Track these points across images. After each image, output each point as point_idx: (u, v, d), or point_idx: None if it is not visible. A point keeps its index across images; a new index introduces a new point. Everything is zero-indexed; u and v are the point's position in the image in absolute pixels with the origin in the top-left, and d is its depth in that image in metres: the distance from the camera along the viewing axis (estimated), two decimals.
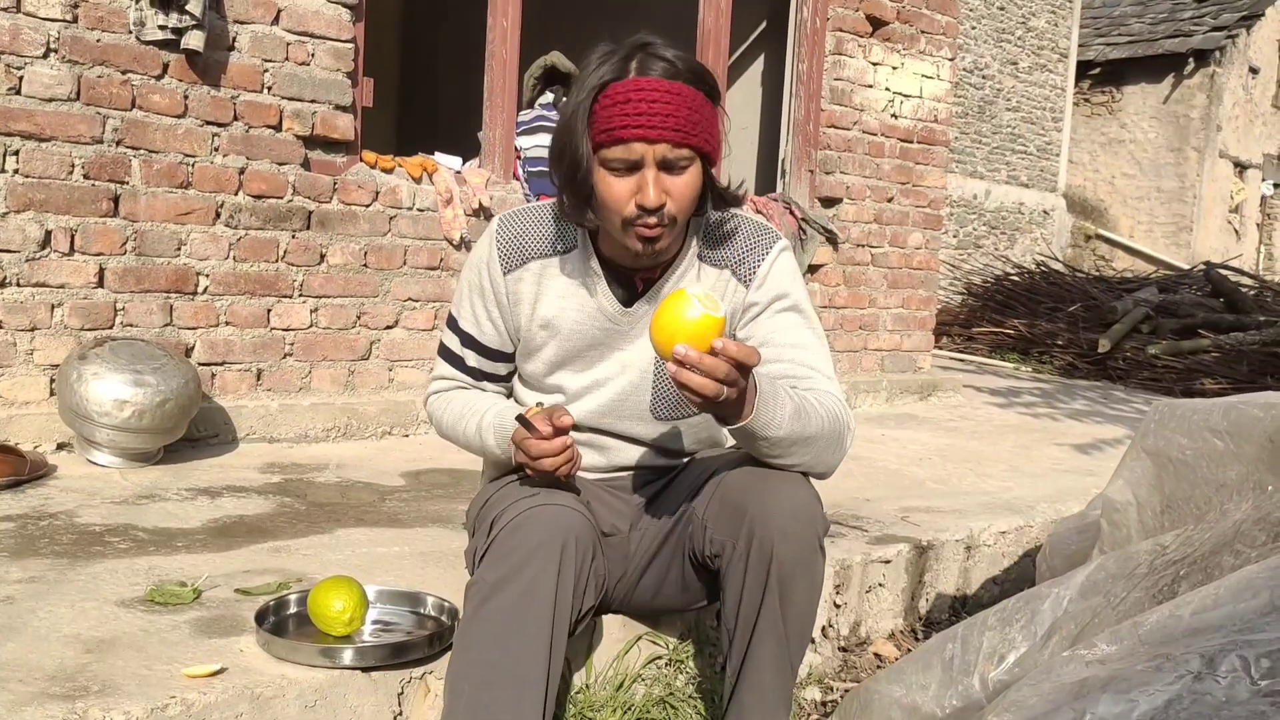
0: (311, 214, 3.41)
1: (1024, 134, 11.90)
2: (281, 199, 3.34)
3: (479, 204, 3.75)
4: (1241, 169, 14.39)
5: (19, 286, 2.91)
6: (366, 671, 1.62)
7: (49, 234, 2.94)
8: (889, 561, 2.51)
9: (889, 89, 4.98)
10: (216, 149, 3.20)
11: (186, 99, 3.13)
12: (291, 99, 3.32)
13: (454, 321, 1.78)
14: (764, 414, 1.48)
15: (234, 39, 3.20)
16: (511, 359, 1.79)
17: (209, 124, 3.18)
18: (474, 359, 1.78)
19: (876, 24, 4.88)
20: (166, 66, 3.08)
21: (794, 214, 4.69)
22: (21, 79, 2.86)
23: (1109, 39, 14.22)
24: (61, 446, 2.91)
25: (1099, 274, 10.20)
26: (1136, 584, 1.68)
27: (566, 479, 1.65)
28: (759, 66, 5.43)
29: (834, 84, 4.76)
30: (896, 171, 5.07)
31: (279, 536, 2.31)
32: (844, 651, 2.41)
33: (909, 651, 2.27)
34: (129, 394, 2.74)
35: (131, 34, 3.01)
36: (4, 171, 2.86)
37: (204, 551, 2.16)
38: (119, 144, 3.02)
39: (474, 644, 1.46)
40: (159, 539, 2.22)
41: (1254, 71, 14.12)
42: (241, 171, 3.25)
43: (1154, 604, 1.62)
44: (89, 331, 3.01)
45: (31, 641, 1.63)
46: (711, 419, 1.53)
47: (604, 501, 1.76)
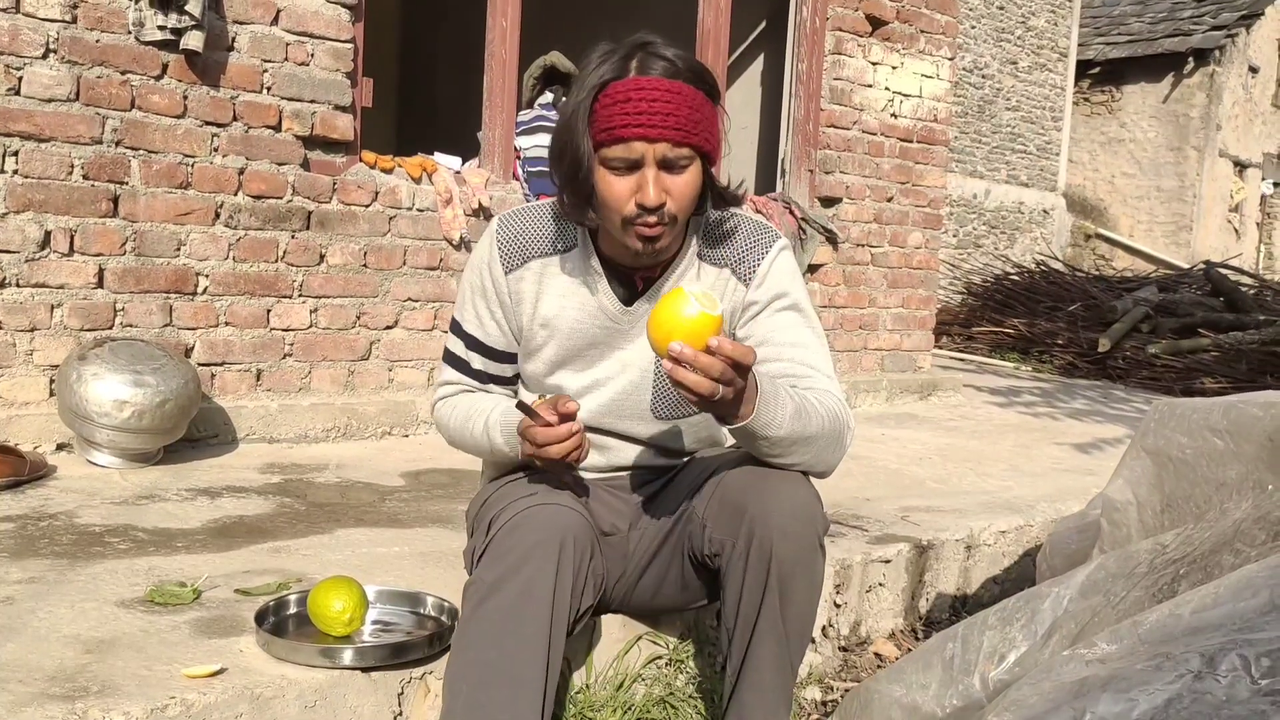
0: (311, 214, 3.41)
1: (1024, 133, 11.90)
2: (281, 199, 3.34)
3: (478, 204, 3.75)
4: (1241, 168, 14.39)
5: (18, 287, 2.91)
6: (366, 672, 1.62)
7: (48, 234, 2.94)
8: (889, 561, 2.51)
9: (889, 88, 4.98)
10: (216, 149, 3.20)
11: (186, 99, 3.13)
12: (291, 99, 3.32)
13: (457, 326, 1.77)
14: (765, 414, 1.48)
15: (233, 39, 3.20)
16: (517, 360, 1.78)
17: (208, 124, 3.18)
18: (479, 361, 1.76)
19: (876, 23, 4.88)
20: (166, 67, 3.08)
21: (794, 213, 4.69)
22: (21, 79, 2.86)
23: (1109, 38, 14.22)
24: (61, 447, 2.91)
25: (1099, 273, 10.21)
26: (1136, 583, 1.68)
27: (575, 465, 1.61)
28: (758, 66, 5.43)
29: (834, 83, 4.76)
30: (896, 171, 5.07)
31: (279, 537, 2.31)
32: (844, 651, 2.41)
33: (909, 651, 2.27)
34: (129, 394, 2.74)
35: (131, 34, 3.01)
36: (3, 172, 2.86)
37: (204, 552, 2.16)
38: (118, 144, 3.02)
39: (472, 644, 1.46)
40: (159, 539, 2.22)
41: (1254, 71, 14.12)
42: (241, 172, 3.25)
43: (1154, 603, 1.62)
44: (88, 332, 3.01)
45: (31, 642, 1.63)
46: (711, 418, 1.52)
47: (603, 501, 1.76)
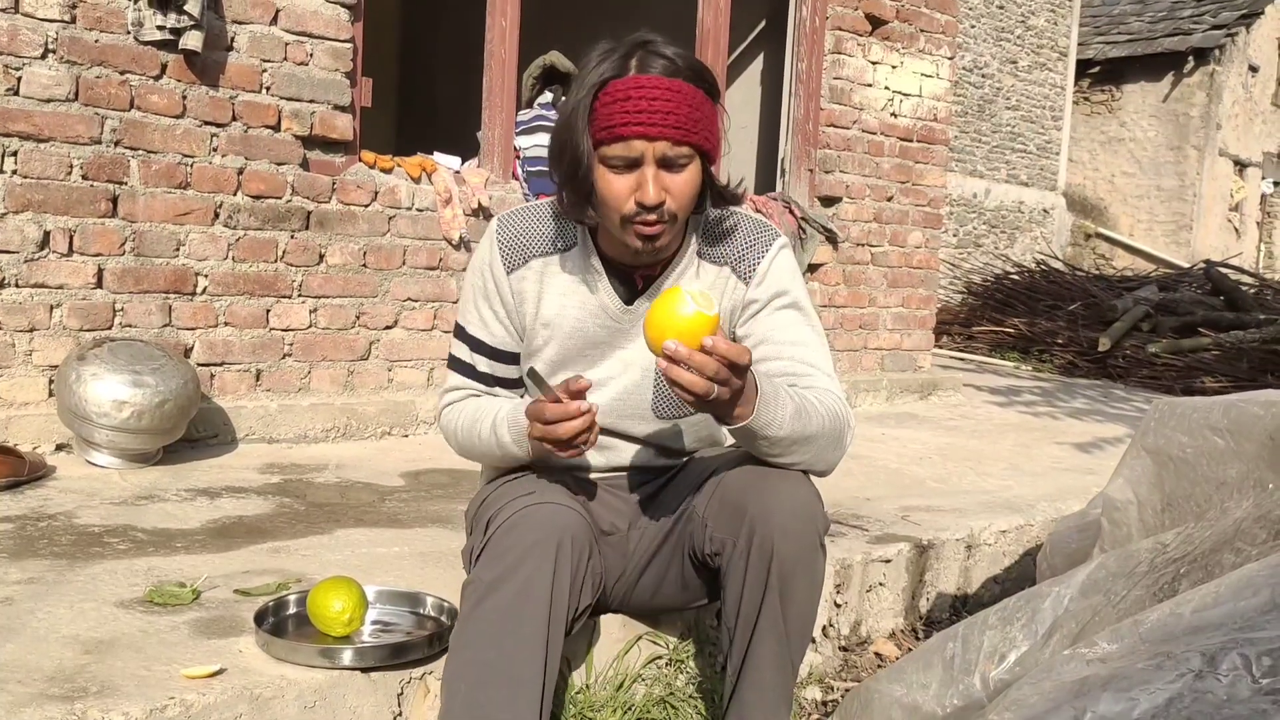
0: (310, 214, 3.41)
1: (1023, 133, 11.90)
2: (280, 199, 3.34)
3: (478, 204, 3.75)
4: (1241, 167, 14.39)
5: (17, 287, 2.90)
6: (366, 672, 1.62)
7: (47, 235, 2.93)
8: (889, 561, 2.51)
9: (888, 88, 4.98)
10: (215, 149, 3.20)
11: (185, 99, 3.13)
12: (290, 99, 3.32)
13: (461, 330, 1.75)
14: (765, 414, 1.48)
15: (232, 39, 3.20)
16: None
17: (207, 124, 3.17)
18: (485, 364, 1.74)
19: (876, 23, 4.87)
20: (165, 67, 3.08)
21: (793, 213, 4.69)
22: (20, 80, 2.85)
23: (1108, 37, 14.22)
24: (60, 447, 2.91)
25: (1099, 272, 10.21)
26: (1137, 582, 1.68)
27: (584, 447, 1.55)
28: (758, 65, 5.43)
29: (833, 83, 4.76)
30: (896, 170, 5.07)
31: (278, 537, 2.30)
32: (844, 651, 2.41)
33: (910, 651, 2.27)
34: (128, 395, 2.73)
35: (130, 34, 3.00)
36: (2, 172, 2.86)
37: (203, 552, 2.15)
38: (117, 144, 3.02)
39: (470, 643, 1.46)
40: (158, 540, 2.22)
41: (1254, 70, 14.12)
42: (240, 172, 3.25)
43: (1155, 602, 1.62)
44: (88, 332, 3.01)
45: (30, 642, 1.63)
46: (711, 418, 1.52)
47: (603, 500, 1.76)
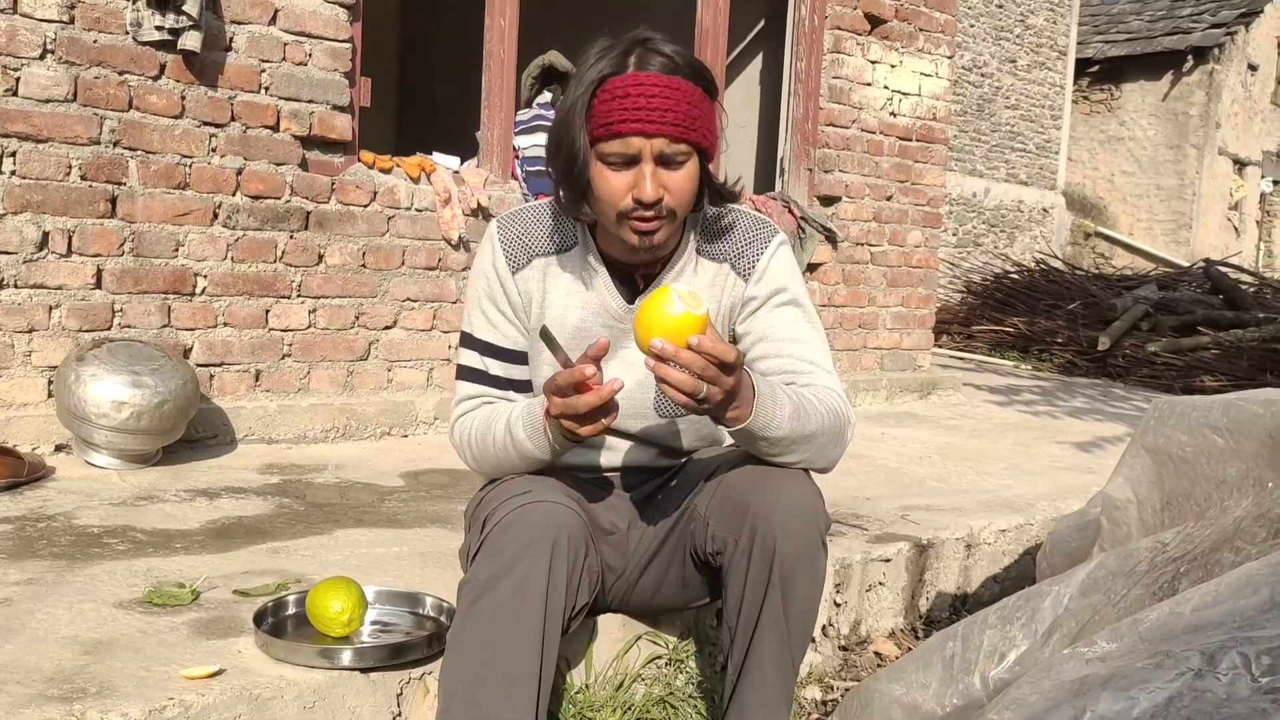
0: (309, 214, 3.40)
1: (1023, 132, 11.89)
2: (279, 199, 3.33)
3: (477, 204, 3.75)
4: (1241, 166, 14.39)
5: (16, 288, 2.90)
6: (365, 672, 1.62)
7: (46, 235, 2.93)
8: (889, 560, 2.51)
9: (888, 87, 4.97)
10: (214, 149, 3.19)
11: (184, 100, 3.13)
12: (289, 99, 3.32)
13: (468, 338, 1.72)
14: (763, 415, 1.47)
15: (231, 39, 3.20)
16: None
17: (206, 125, 3.17)
18: (498, 367, 1.71)
19: (875, 22, 4.87)
20: (164, 67, 3.08)
21: (793, 213, 4.69)
22: (18, 80, 2.85)
23: (1108, 36, 14.22)
24: (60, 448, 2.91)
25: (1098, 271, 10.21)
26: (1137, 581, 1.68)
27: (606, 422, 1.48)
28: (757, 65, 5.43)
29: (832, 82, 4.76)
30: (895, 170, 5.06)
31: (278, 537, 2.30)
32: (844, 650, 2.41)
33: (909, 650, 2.26)
34: (127, 395, 2.73)
35: (128, 35, 3.00)
36: (1, 173, 2.86)
37: (202, 553, 2.15)
38: (116, 145, 3.02)
39: (467, 642, 1.46)
40: (157, 540, 2.22)
41: (1253, 69, 14.12)
42: (239, 172, 3.25)
43: (1154, 601, 1.61)
44: (87, 333, 3.00)
45: (29, 643, 1.63)
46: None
47: (604, 500, 1.75)
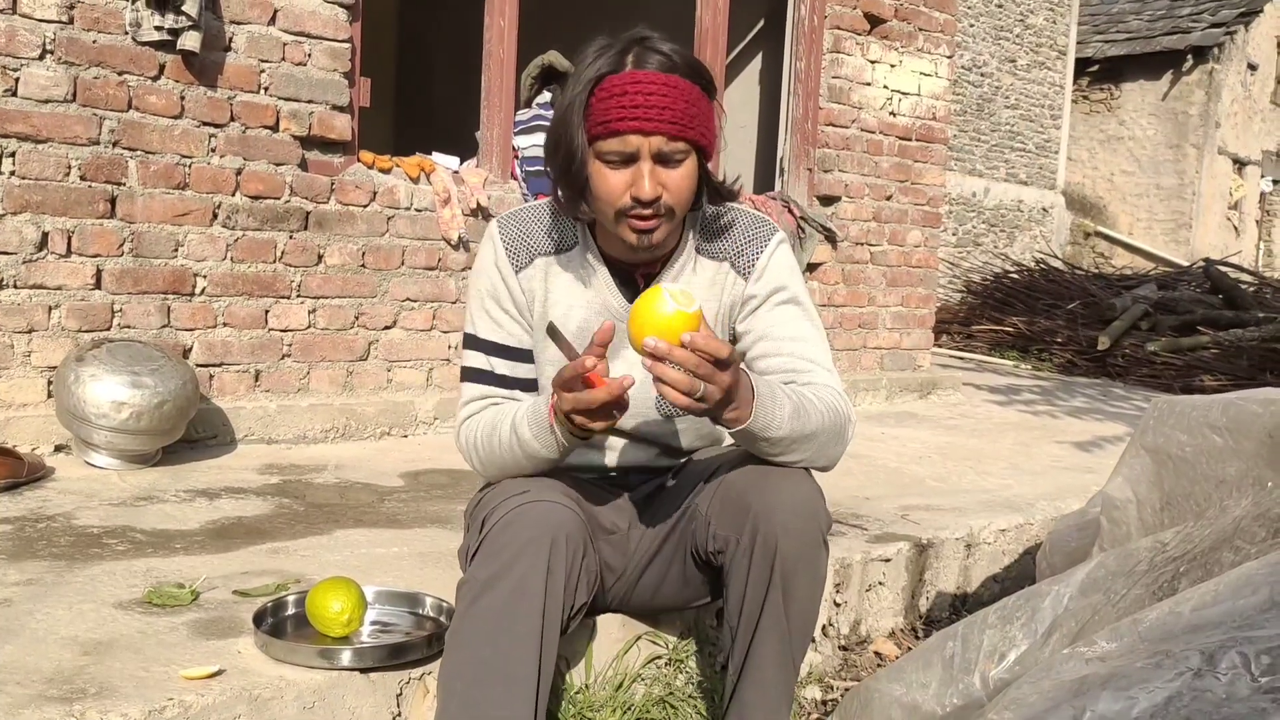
0: (309, 214, 3.40)
1: (1022, 131, 11.89)
2: (279, 199, 3.33)
3: (477, 204, 3.75)
4: (1240, 165, 14.39)
5: (16, 288, 2.90)
6: (365, 672, 1.62)
7: (46, 236, 2.93)
8: (889, 560, 2.51)
9: (887, 87, 4.97)
10: (213, 150, 3.19)
11: (183, 100, 3.12)
12: (288, 99, 3.32)
13: (473, 339, 1.71)
14: (763, 416, 1.47)
15: (230, 39, 3.20)
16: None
17: (206, 125, 3.17)
18: (504, 366, 1.69)
19: (875, 22, 4.87)
20: (163, 67, 3.08)
21: (793, 212, 4.69)
22: (17, 80, 2.85)
23: (1107, 36, 14.22)
24: (59, 448, 2.91)
25: (1098, 271, 10.20)
26: (1136, 581, 1.68)
27: (617, 413, 1.46)
28: (757, 65, 5.43)
29: (832, 82, 4.76)
30: (895, 169, 5.06)
31: (277, 538, 2.30)
32: (844, 650, 2.41)
33: (909, 650, 2.26)
34: (127, 396, 2.73)
35: (128, 35, 3.00)
36: (0, 173, 2.86)
37: (202, 553, 2.15)
38: (116, 145, 3.02)
39: (465, 642, 1.46)
40: (157, 541, 2.22)
41: (1253, 68, 14.12)
42: (238, 172, 3.24)
43: (1154, 601, 1.61)
44: (86, 333, 3.00)
45: (29, 644, 1.63)
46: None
47: (604, 499, 1.75)
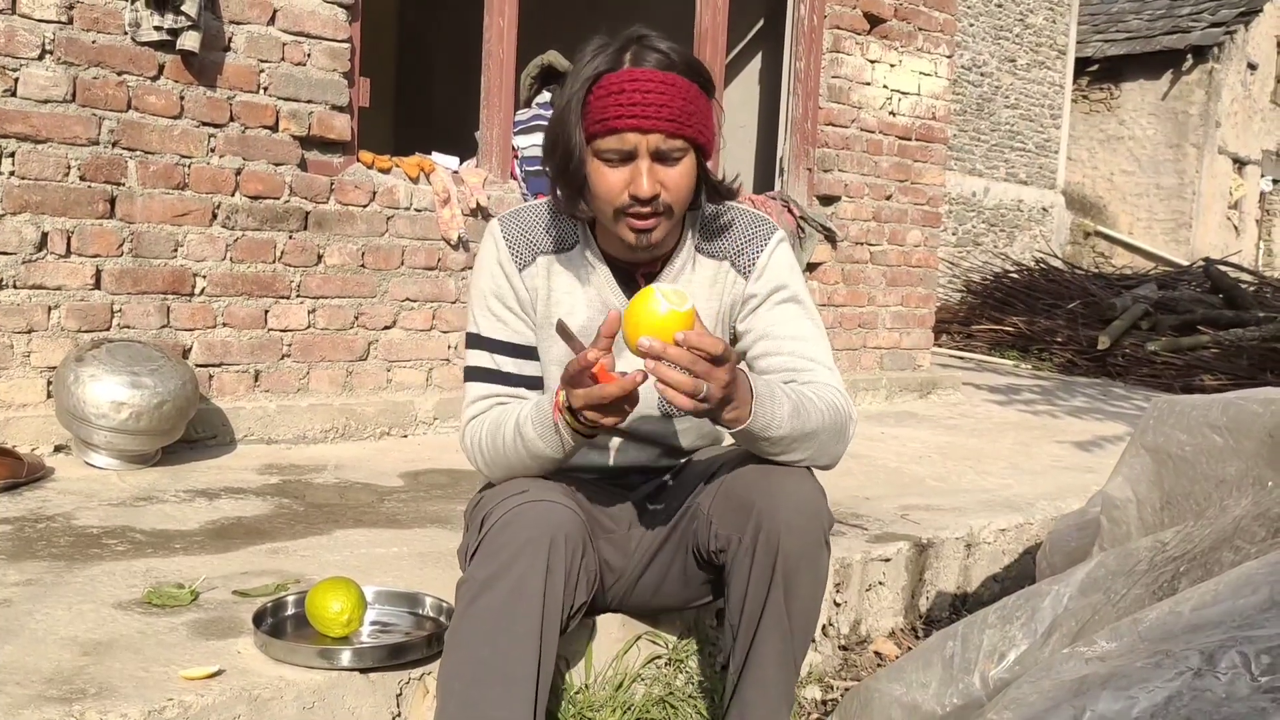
0: (309, 214, 3.40)
1: (1022, 131, 11.89)
2: (278, 200, 3.33)
3: (476, 204, 3.75)
4: (1240, 165, 14.39)
5: (15, 289, 2.90)
6: (365, 673, 1.61)
7: (45, 236, 2.93)
8: (889, 560, 2.51)
9: (887, 86, 4.97)
10: (213, 150, 3.19)
11: (182, 100, 3.12)
12: (288, 99, 3.32)
13: (476, 338, 1.70)
14: (763, 415, 1.47)
15: (230, 39, 3.20)
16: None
17: (205, 125, 3.17)
18: (510, 364, 1.68)
19: (874, 21, 4.87)
20: (162, 67, 3.08)
21: (792, 212, 4.69)
22: (17, 81, 2.85)
23: (1107, 35, 14.22)
24: (59, 449, 2.91)
25: (1098, 271, 10.21)
26: (1136, 581, 1.68)
27: (627, 407, 1.45)
28: (756, 65, 5.43)
29: (832, 82, 4.76)
30: (895, 169, 5.06)
31: (277, 538, 2.30)
32: (844, 650, 2.41)
33: (909, 650, 2.26)
34: (126, 396, 2.73)
35: (127, 35, 3.00)
36: (0, 173, 2.85)
37: (202, 553, 2.15)
38: (115, 145, 3.02)
39: (464, 642, 1.46)
40: (157, 541, 2.22)
41: (1252, 68, 14.12)
42: (238, 172, 3.24)
43: (1154, 600, 1.61)
44: (86, 333, 3.00)
45: (28, 644, 1.63)
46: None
47: (604, 499, 1.75)
